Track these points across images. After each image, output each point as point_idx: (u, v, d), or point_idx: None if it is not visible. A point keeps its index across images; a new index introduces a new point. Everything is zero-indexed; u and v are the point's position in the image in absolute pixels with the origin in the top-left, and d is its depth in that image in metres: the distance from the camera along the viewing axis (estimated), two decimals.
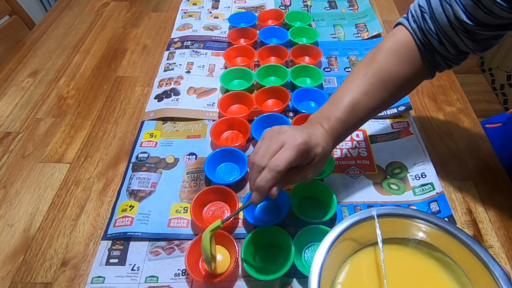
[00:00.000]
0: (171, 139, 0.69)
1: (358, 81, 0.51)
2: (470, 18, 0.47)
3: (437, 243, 0.42)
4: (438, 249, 0.42)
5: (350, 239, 0.43)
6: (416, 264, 0.43)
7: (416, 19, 0.52)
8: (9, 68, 0.87)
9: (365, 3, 1.01)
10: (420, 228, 0.43)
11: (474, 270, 0.38)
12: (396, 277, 0.41)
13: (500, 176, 0.62)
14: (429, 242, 0.43)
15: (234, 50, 0.84)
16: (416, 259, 0.43)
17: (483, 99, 1.93)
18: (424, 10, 0.50)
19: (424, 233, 0.43)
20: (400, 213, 0.43)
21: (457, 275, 0.40)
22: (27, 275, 0.53)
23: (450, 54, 0.51)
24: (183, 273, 0.52)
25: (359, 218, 0.42)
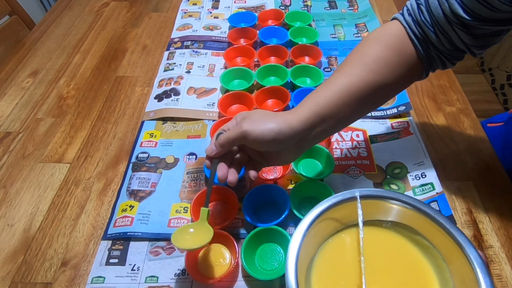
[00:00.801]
0: (171, 139, 0.69)
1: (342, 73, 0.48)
2: (467, 12, 0.45)
3: (417, 226, 0.43)
4: (418, 232, 0.43)
5: (331, 219, 0.43)
6: (395, 245, 0.43)
7: (411, 12, 0.50)
8: (9, 68, 0.87)
9: (365, 3, 1.01)
10: (400, 211, 0.43)
11: (451, 253, 0.39)
12: (374, 256, 0.42)
13: (500, 176, 0.62)
14: (409, 225, 0.43)
15: (234, 50, 0.84)
16: (395, 240, 0.44)
17: (483, 99, 1.93)
18: (420, 2, 0.49)
19: (404, 215, 0.43)
20: (381, 195, 0.43)
21: (435, 258, 0.41)
22: (27, 275, 0.53)
23: (445, 48, 0.49)
24: (183, 273, 0.52)
25: (342, 198, 0.42)
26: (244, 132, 0.45)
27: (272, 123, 0.45)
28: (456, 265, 0.39)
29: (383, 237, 0.44)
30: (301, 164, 0.63)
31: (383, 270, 0.42)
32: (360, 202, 0.42)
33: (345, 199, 0.42)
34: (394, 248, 0.44)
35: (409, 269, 0.42)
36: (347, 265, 0.42)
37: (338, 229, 0.44)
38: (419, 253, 0.42)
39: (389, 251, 0.43)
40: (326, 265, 0.42)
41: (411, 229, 0.43)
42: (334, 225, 0.44)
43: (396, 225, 0.44)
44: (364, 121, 0.71)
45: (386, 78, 0.48)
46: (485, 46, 0.49)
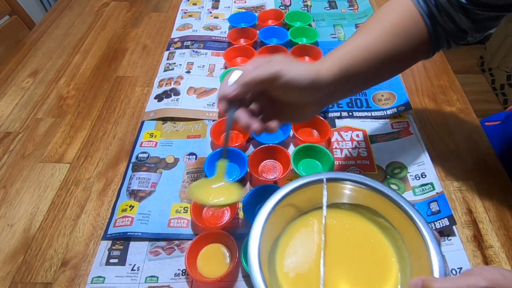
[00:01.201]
0: (171, 139, 0.69)
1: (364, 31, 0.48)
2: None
3: (376, 207, 0.44)
4: (378, 214, 0.44)
5: (291, 205, 0.44)
6: (356, 226, 0.45)
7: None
8: (9, 68, 0.87)
9: (365, 3, 1.01)
10: (359, 192, 0.44)
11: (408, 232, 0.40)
12: (336, 236, 0.43)
13: (500, 176, 0.62)
14: (369, 206, 0.44)
15: (234, 50, 0.84)
16: (356, 221, 0.45)
17: (483, 99, 1.93)
18: None
19: (363, 196, 0.44)
20: (344, 177, 0.44)
21: (395, 239, 0.42)
22: (27, 275, 0.53)
23: (450, 28, 0.50)
24: (183, 273, 0.52)
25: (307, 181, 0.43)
26: (278, 72, 0.39)
27: (309, 67, 0.41)
28: (412, 243, 0.40)
29: (344, 218, 0.45)
30: (301, 164, 0.63)
31: (344, 249, 0.43)
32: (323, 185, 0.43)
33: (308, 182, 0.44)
34: (355, 229, 0.45)
35: (369, 247, 0.43)
36: (310, 245, 0.43)
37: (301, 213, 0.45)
38: (379, 233, 0.44)
39: (350, 231, 0.45)
40: (289, 246, 0.43)
41: (372, 211, 0.44)
42: (296, 210, 0.45)
43: (356, 207, 0.45)
44: (364, 121, 0.71)
45: (401, 45, 0.48)
46: (483, 29, 0.50)
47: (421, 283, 0.34)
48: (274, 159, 0.64)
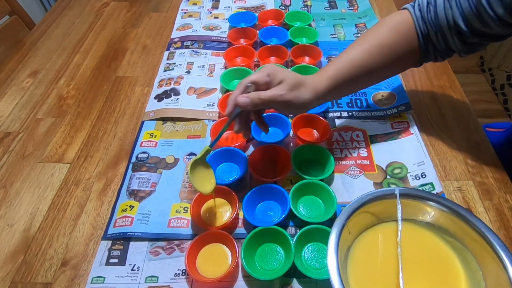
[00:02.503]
0: (171, 139, 0.69)
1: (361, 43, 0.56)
2: (466, 25, 0.52)
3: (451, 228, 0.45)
4: (451, 234, 0.45)
5: (369, 213, 0.46)
6: (429, 243, 0.46)
7: (421, 8, 0.56)
8: (9, 68, 0.87)
9: (365, 3, 1.01)
10: (436, 212, 0.46)
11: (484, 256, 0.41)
12: (408, 250, 0.44)
13: (500, 176, 0.62)
14: (444, 227, 0.45)
15: (234, 50, 0.84)
16: (430, 239, 0.46)
17: (483, 99, 1.93)
18: (430, 2, 0.55)
19: (439, 217, 0.46)
20: (420, 194, 0.47)
21: (468, 261, 0.44)
22: (27, 275, 0.53)
23: (440, 47, 0.57)
24: (183, 273, 0.52)
25: (381, 194, 0.46)
26: (288, 102, 0.49)
27: (308, 94, 0.51)
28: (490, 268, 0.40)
29: (417, 233, 0.47)
30: (301, 164, 0.63)
31: (415, 265, 0.44)
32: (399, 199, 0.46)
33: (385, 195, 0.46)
34: (427, 245, 0.46)
35: (441, 266, 0.44)
36: (382, 256, 0.45)
37: (374, 223, 0.48)
38: (452, 253, 0.45)
39: (422, 247, 0.46)
40: (362, 255, 0.45)
41: (445, 231, 0.45)
42: (371, 219, 0.47)
43: (430, 225, 0.47)
44: (364, 121, 0.71)
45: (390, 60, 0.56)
46: (471, 51, 0.57)
47: None
48: (274, 159, 0.64)
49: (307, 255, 0.53)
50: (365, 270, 0.44)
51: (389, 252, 0.45)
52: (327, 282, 0.50)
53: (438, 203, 0.46)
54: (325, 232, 0.52)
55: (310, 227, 0.53)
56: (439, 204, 0.46)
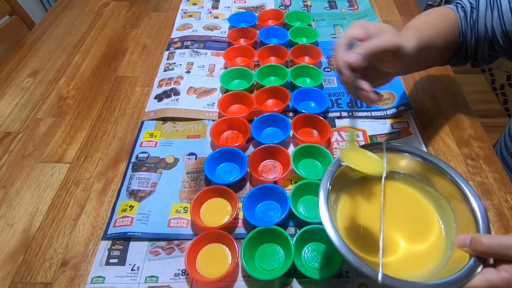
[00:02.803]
0: (171, 139, 0.69)
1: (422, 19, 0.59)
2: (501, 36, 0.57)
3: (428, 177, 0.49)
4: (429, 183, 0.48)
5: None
6: (408, 194, 0.50)
7: (465, 9, 0.60)
8: (9, 68, 0.87)
9: (365, 3, 1.01)
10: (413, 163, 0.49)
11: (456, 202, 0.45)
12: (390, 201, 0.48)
13: (500, 176, 0.62)
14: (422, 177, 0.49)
15: (234, 50, 0.84)
16: (408, 189, 0.50)
17: (483, 99, 1.93)
18: (473, 6, 0.60)
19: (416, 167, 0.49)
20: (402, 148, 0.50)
21: (442, 207, 0.47)
22: (27, 275, 0.53)
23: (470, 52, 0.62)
24: (183, 273, 0.52)
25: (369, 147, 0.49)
26: (399, 47, 0.46)
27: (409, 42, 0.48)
28: (460, 211, 0.44)
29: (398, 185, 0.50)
30: (301, 164, 0.63)
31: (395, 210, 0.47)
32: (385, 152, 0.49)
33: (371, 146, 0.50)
34: (406, 195, 0.50)
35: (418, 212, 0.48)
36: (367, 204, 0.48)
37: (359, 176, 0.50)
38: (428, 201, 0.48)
39: (402, 197, 0.49)
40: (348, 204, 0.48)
41: (424, 181, 0.49)
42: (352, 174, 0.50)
43: (411, 176, 0.50)
44: (364, 121, 0.71)
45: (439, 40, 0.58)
46: (489, 63, 0.64)
47: (470, 238, 0.38)
48: (274, 159, 0.64)
49: (307, 255, 0.53)
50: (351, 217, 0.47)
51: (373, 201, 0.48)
52: (326, 282, 0.50)
53: (414, 154, 0.49)
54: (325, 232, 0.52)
55: (310, 227, 0.53)
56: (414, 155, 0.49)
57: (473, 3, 0.60)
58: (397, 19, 0.98)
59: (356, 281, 0.51)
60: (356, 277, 0.51)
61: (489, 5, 0.58)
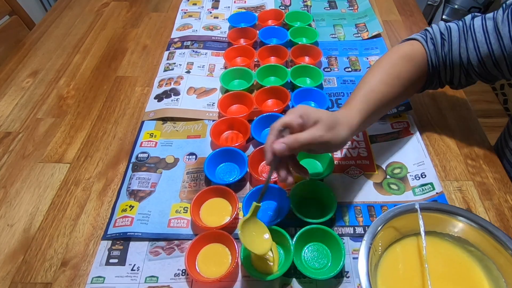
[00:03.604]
0: (171, 139, 0.69)
1: (378, 73, 0.57)
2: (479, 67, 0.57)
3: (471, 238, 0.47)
4: (471, 244, 0.47)
5: (392, 227, 0.48)
6: (452, 255, 0.48)
7: (434, 42, 0.59)
8: (9, 68, 0.87)
9: (365, 3, 1.01)
10: (456, 224, 0.48)
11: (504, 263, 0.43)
12: (434, 264, 0.45)
13: (500, 176, 0.62)
14: (464, 238, 0.47)
15: (234, 50, 0.84)
16: (451, 250, 0.48)
17: (483, 99, 1.92)
18: (445, 38, 0.58)
19: (460, 228, 0.48)
20: (440, 208, 0.49)
21: (490, 269, 0.45)
22: (27, 275, 0.53)
23: (445, 80, 0.62)
24: (183, 273, 0.52)
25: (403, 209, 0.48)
26: (327, 142, 0.48)
27: (345, 131, 0.49)
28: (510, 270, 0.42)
29: (440, 246, 0.49)
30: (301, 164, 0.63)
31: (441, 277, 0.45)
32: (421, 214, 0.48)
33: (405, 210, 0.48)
34: (450, 257, 0.48)
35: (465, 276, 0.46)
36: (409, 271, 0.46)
37: (398, 238, 0.49)
38: (474, 263, 0.46)
39: (446, 259, 0.48)
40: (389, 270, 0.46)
41: (466, 241, 0.47)
42: (394, 234, 0.49)
43: (451, 236, 0.48)
44: None
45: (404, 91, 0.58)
46: (467, 86, 0.64)
47: None
48: None
49: (307, 255, 0.53)
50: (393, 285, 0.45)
51: (415, 266, 0.46)
52: (326, 282, 0.50)
53: (458, 215, 0.48)
54: (325, 232, 0.52)
55: (310, 227, 0.53)
56: (459, 216, 0.48)
57: (445, 34, 0.58)
58: (397, 19, 0.98)
59: (356, 281, 0.50)
60: (356, 277, 0.51)
61: (463, 37, 0.57)
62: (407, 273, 0.46)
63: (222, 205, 0.58)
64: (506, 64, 0.54)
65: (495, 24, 0.54)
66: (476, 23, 0.56)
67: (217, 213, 0.57)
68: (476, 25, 0.56)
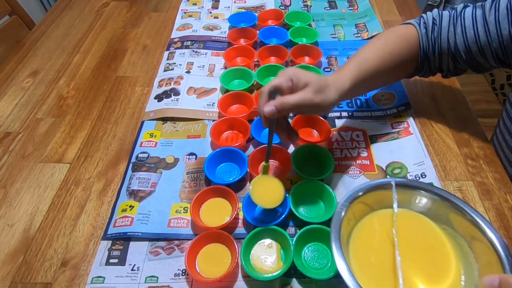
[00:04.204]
0: (171, 139, 0.69)
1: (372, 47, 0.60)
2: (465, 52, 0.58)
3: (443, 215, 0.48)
4: (443, 221, 0.48)
5: (365, 203, 0.49)
6: (423, 229, 0.49)
7: (426, 26, 0.61)
8: (9, 68, 0.87)
9: (365, 3, 1.01)
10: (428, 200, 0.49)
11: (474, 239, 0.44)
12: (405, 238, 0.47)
13: (500, 176, 0.62)
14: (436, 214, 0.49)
15: (234, 50, 0.84)
16: (423, 225, 0.49)
17: (483, 99, 1.93)
18: (436, 23, 0.60)
19: (431, 205, 0.49)
20: (413, 184, 0.50)
21: (460, 245, 0.46)
22: (27, 275, 0.53)
23: (434, 65, 0.63)
24: (183, 273, 0.52)
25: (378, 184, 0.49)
26: (317, 105, 0.48)
27: (334, 94, 0.50)
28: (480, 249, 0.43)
29: (412, 220, 0.50)
30: (301, 164, 0.63)
31: (410, 250, 0.46)
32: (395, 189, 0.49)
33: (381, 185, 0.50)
34: (421, 231, 0.49)
35: (434, 250, 0.47)
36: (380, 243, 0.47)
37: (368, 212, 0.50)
38: (445, 238, 0.47)
39: (416, 233, 0.49)
40: (362, 241, 0.47)
41: (438, 218, 0.48)
42: (367, 209, 0.50)
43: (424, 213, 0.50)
44: (364, 121, 0.71)
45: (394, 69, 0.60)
46: (456, 75, 0.65)
47: (498, 279, 0.36)
48: (274, 159, 0.64)
49: (307, 255, 0.53)
50: (365, 255, 0.46)
51: (386, 238, 0.47)
52: (326, 282, 0.50)
53: (430, 191, 0.49)
54: (325, 232, 0.52)
55: (310, 227, 0.53)
56: (430, 192, 0.49)
57: (436, 19, 0.60)
58: (397, 19, 0.98)
59: None
60: None
61: (452, 22, 0.59)
62: (379, 245, 0.47)
63: (222, 205, 0.58)
64: (490, 50, 0.56)
65: (483, 11, 0.56)
66: (467, 11, 0.58)
67: (217, 213, 0.57)
68: (466, 12, 0.58)
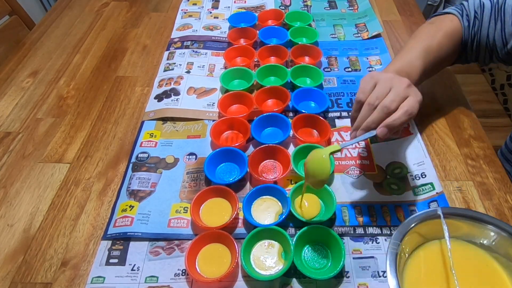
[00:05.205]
0: (171, 139, 0.69)
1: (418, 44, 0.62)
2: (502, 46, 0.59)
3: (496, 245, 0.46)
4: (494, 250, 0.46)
5: (416, 233, 0.47)
6: (477, 260, 0.47)
7: (469, 18, 0.62)
8: (9, 68, 0.87)
9: (365, 3, 1.01)
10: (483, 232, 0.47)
11: None
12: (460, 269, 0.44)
13: (500, 176, 0.62)
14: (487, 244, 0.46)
15: (234, 50, 0.84)
16: (476, 255, 0.47)
17: (483, 99, 1.92)
18: (477, 16, 0.61)
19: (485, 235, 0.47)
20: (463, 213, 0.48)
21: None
22: (27, 275, 0.53)
23: (470, 57, 0.66)
24: (183, 273, 0.52)
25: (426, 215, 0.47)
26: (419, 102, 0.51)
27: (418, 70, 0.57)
28: None
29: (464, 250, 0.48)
30: (301, 164, 0.63)
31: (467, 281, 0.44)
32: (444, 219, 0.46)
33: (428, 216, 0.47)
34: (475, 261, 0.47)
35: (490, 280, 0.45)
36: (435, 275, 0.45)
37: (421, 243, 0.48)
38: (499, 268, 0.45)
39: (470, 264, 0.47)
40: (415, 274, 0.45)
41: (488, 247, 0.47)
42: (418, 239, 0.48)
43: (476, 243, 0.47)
44: None
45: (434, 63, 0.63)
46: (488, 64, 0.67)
47: None
48: (274, 159, 0.64)
49: (307, 255, 0.53)
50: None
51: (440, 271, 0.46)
52: (326, 282, 0.50)
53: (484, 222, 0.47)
54: (325, 232, 0.52)
55: (310, 227, 0.53)
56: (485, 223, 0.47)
57: (478, 12, 0.61)
58: (397, 19, 0.98)
59: (356, 281, 0.51)
60: (356, 277, 0.51)
61: (493, 17, 0.59)
62: (433, 278, 0.45)
63: (222, 205, 0.58)
64: None
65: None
66: (508, 2, 0.57)
67: (217, 213, 0.57)
68: (507, 4, 0.57)
